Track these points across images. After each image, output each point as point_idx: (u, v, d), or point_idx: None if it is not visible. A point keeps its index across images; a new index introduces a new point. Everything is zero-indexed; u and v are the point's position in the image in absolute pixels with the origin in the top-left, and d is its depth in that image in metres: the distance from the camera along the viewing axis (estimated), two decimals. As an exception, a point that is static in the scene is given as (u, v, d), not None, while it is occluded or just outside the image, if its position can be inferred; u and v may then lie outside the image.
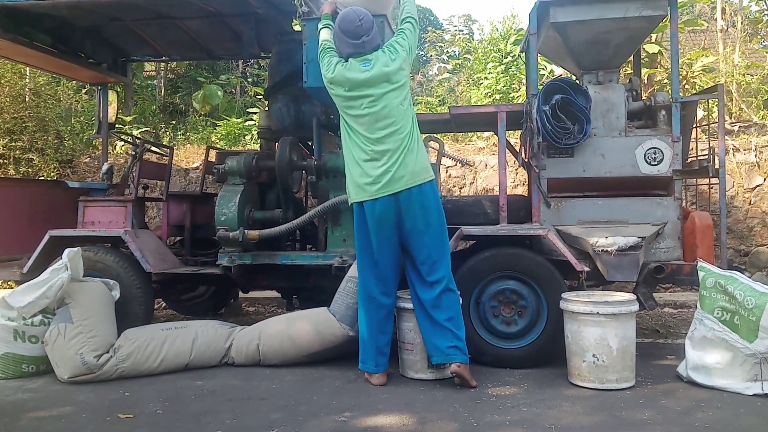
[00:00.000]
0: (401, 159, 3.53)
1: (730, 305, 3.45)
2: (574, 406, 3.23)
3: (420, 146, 3.66)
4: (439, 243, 3.63)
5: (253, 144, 8.60)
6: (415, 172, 3.55)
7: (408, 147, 3.56)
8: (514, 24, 11.56)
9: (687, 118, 4.31)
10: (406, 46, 3.71)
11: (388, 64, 3.61)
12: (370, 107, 3.57)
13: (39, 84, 8.47)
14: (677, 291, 6.40)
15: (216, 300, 5.97)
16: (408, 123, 3.61)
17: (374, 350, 3.63)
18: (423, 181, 3.57)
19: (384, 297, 3.65)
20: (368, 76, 3.58)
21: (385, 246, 3.60)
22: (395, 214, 3.55)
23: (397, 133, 3.55)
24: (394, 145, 3.53)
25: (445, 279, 3.61)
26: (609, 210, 4.14)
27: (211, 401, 3.40)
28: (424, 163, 3.64)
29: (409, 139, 3.57)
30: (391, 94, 3.58)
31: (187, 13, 5.08)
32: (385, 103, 3.56)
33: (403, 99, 3.62)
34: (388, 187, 3.52)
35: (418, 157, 3.60)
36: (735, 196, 6.51)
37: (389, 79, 3.59)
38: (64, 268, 3.89)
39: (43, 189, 5.67)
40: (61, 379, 3.77)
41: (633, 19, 4.08)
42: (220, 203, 4.41)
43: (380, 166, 3.53)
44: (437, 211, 3.64)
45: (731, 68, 8.24)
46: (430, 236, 3.60)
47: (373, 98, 3.57)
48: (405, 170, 3.52)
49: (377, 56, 3.65)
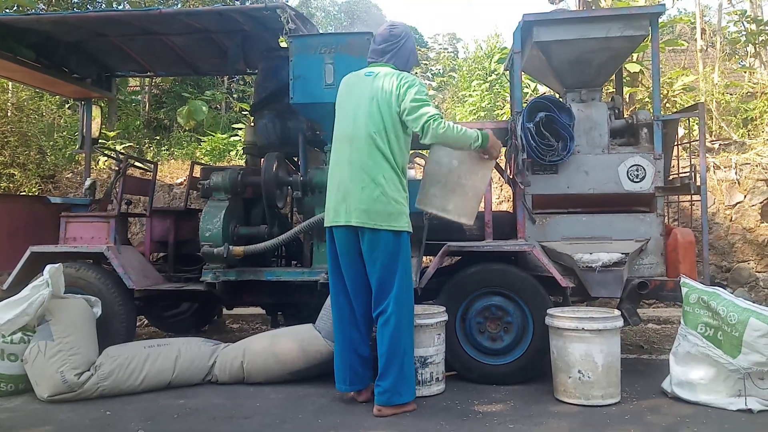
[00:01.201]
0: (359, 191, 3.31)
1: (714, 321, 3.48)
2: (560, 423, 3.23)
3: (394, 189, 3.34)
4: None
5: (238, 160, 8.58)
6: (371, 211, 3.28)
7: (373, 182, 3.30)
8: (498, 43, 11.72)
9: (668, 135, 4.38)
10: (420, 108, 3.29)
11: (390, 90, 3.33)
12: (346, 124, 3.43)
13: (22, 99, 8.40)
14: (661, 307, 6.45)
15: (199, 317, 5.90)
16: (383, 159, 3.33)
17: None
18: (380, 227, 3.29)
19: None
20: (360, 83, 3.43)
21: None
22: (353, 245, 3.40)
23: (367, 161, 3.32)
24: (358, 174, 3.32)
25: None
26: (593, 226, 4.17)
27: (194, 420, 3.34)
28: (390, 209, 3.31)
29: (376, 174, 3.30)
30: (373, 119, 3.34)
31: (173, 30, 5.08)
32: (361, 124, 3.36)
33: (382, 131, 3.33)
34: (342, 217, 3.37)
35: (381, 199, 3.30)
36: (716, 213, 6.60)
37: (378, 101, 3.34)
38: (45, 285, 3.83)
39: (24, 204, 5.58)
40: (41, 398, 3.70)
41: (615, 39, 4.15)
42: (204, 219, 4.39)
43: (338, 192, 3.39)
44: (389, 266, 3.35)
45: (711, 87, 8.40)
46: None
47: (353, 115, 3.41)
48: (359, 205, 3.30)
49: (386, 72, 3.43)
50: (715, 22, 10.71)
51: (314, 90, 4.14)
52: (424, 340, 3.69)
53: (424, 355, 3.68)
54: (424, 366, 3.68)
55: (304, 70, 4.15)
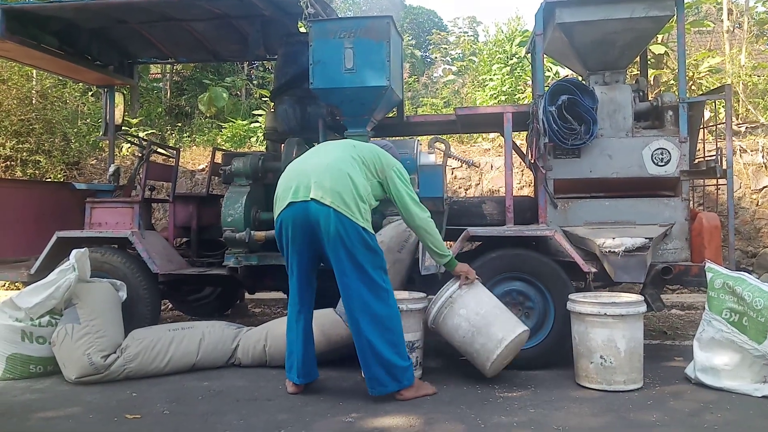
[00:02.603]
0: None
1: (739, 306, 3.43)
2: (581, 408, 3.22)
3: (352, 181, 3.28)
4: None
5: (258, 146, 8.62)
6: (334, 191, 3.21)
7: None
8: (519, 25, 11.56)
9: (694, 118, 4.30)
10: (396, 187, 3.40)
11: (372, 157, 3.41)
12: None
13: (45, 86, 8.50)
14: (685, 292, 6.38)
15: (222, 301, 5.98)
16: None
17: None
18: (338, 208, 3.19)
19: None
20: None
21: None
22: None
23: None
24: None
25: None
26: (616, 211, 4.13)
27: (218, 402, 3.40)
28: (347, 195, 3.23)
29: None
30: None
31: (193, 15, 5.10)
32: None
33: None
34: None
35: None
36: (742, 197, 6.48)
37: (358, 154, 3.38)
38: (71, 269, 3.90)
39: (50, 191, 5.69)
40: (69, 380, 3.78)
41: (639, 20, 4.07)
42: (226, 204, 4.42)
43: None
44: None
45: (738, 69, 8.21)
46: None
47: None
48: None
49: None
50: (742, 2, 10.44)
51: (334, 75, 4.13)
52: (411, 325, 3.63)
53: (411, 339, 3.61)
54: (411, 350, 3.59)
55: (323, 55, 4.14)
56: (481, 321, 3.54)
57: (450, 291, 3.64)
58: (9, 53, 5.07)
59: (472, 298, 3.61)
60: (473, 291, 3.63)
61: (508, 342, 3.49)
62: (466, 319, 3.56)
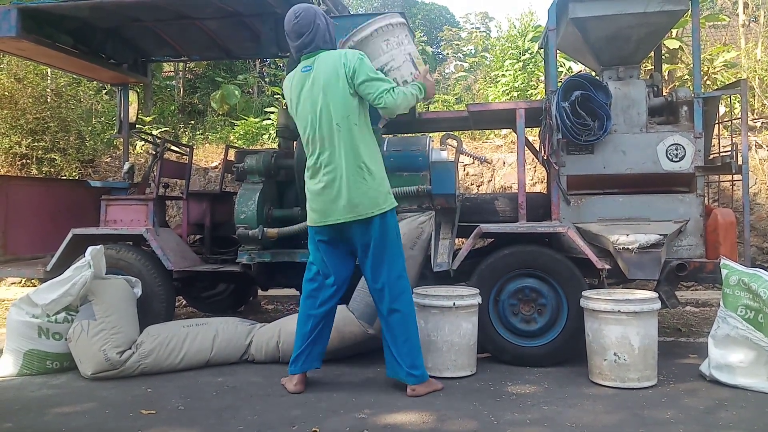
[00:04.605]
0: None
1: (754, 303, 3.40)
2: (595, 405, 3.21)
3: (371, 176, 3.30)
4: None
5: (271, 143, 8.65)
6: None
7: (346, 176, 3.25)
8: (532, 21, 11.51)
9: (709, 113, 4.26)
10: (371, 87, 3.24)
11: (336, 72, 3.23)
12: (311, 126, 3.31)
13: (60, 85, 8.57)
14: (699, 289, 6.33)
15: (236, 298, 6.01)
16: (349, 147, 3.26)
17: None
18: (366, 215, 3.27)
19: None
20: (303, 84, 3.31)
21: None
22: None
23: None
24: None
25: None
26: (630, 207, 4.10)
27: (232, 397, 3.42)
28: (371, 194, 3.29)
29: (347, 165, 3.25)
30: (330, 109, 3.25)
31: (206, 14, 5.12)
32: (322, 121, 3.27)
33: (345, 118, 3.25)
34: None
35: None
36: (758, 193, 6.42)
37: (328, 90, 3.24)
38: (87, 266, 3.94)
39: (66, 188, 5.75)
40: (85, 375, 3.83)
41: (654, 14, 4.03)
42: (239, 202, 4.44)
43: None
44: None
45: (753, 64, 8.12)
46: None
47: (312, 114, 3.30)
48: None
49: (322, 59, 3.30)
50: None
51: (346, 72, 4.12)
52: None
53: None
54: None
55: (336, 52, 4.14)
56: None
57: None
58: (25, 52, 5.12)
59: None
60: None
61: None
62: None
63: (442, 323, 3.67)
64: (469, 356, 3.75)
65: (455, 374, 3.68)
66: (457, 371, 3.69)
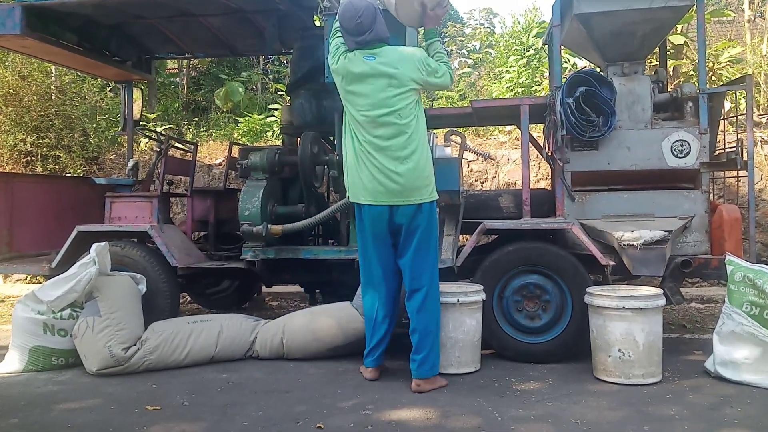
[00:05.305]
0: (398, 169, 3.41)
1: (759, 299, 3.39)
2: (599, 401, 3.21)
3: (425, 162, 3.50)
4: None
5: (274, 140, 8.65)
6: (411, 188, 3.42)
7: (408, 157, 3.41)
8: (536, 17, 11.47)
9: (714, 109, 4.24)
10: (439, 71, 3.53)
11: (397, 65, 3.42)
12: (367, 110, 3.43)
13: (65, 82, 8.58)
14: (704, 285, 6.30)
15: (240, 294, 6.02)
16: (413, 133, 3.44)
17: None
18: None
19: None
20: (367, 69, 3.43)
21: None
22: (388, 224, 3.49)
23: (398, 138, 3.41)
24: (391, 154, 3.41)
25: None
26: (635, 203, 4.09)
27: (236, 394, 3.43)
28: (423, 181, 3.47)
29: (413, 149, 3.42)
30: (394, 99, 3.41)
31: (210, 10, 5.12)
32: (384, 108, 3.41)
33: (406, 107, 3.43)
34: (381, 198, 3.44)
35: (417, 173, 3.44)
36: (763, 189, 6.39)
37: (392, 82, 3.41)
38: (92, 263, 3.96)
39: (70, 185, 5.77)
40: (90, 372, 3.84)
41: (659, 10, 4.02)
42: (243, 198, 4.45)
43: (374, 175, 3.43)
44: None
45: (759, 59, 8.08)
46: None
47: (371, 100, 3.42)
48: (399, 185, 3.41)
49: (385, 51, 3.48)
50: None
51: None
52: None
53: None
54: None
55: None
56: None
57: None
58: (29, 50, 5.13)
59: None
60: None
61: None
62: None
63: (446, 320, 3.67)
64: (473, 353, 3.75)
65: (459, 370, 3.69)
66: (461, 367, 3.70)
